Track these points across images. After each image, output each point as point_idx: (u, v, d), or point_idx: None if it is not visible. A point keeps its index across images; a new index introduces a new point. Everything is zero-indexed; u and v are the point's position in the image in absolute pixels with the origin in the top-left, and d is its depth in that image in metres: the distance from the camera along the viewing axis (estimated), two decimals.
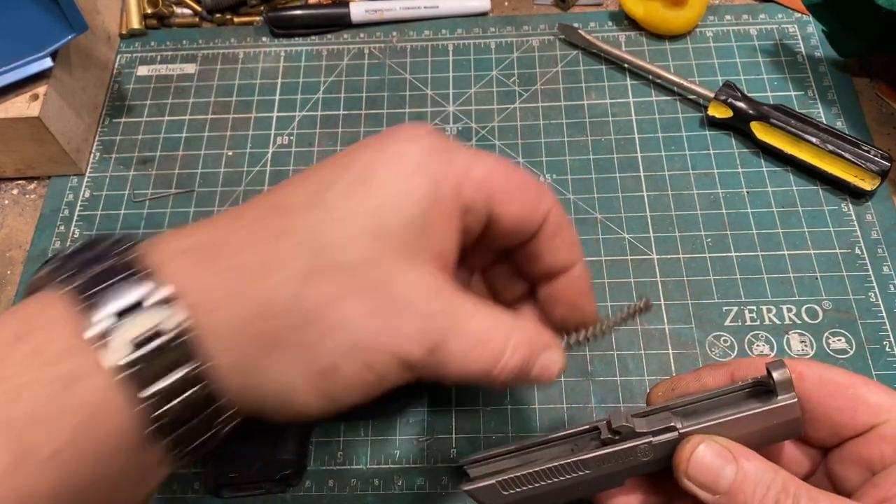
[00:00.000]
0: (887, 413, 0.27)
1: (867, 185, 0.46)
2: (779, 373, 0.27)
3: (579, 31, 0.54)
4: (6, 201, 0.51)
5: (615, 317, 0.31)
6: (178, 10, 0.59)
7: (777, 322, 0.43)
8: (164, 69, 0.56)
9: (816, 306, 0.43)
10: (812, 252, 0.45)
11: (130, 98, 0.55)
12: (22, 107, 0.47)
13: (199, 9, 0.59)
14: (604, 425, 0.28)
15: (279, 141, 0.52)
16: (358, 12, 0.56)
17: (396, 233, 0.25)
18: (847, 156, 0.46)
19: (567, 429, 0.30)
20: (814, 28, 0.54)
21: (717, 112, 0.49)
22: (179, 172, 0.51)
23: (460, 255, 0.29)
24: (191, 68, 0.56)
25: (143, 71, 0.56)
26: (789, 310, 0.43)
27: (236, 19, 0.59)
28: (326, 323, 0.24)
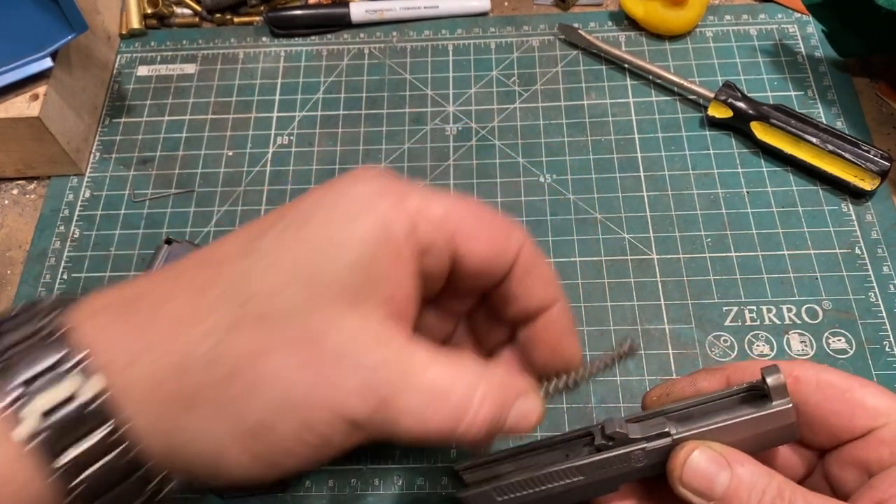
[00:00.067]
0: (885, 416, 0.27)
1: (867, 185, 0.46)
2: (773, 378, 0.27)
3: (579, 31, 0.54)
4: (6, 201, 0.51)
5: (599, 361, 0.29)
6: (178, 10, 0.59)
7: (777, 322, 0.43)
8: (164, 69, 0.56)
9: (816, 306, 0.43)
10: (812, 252, 0.45)
11: (130, 98, 0.55)
12: (22, 107, 0.47)
13: (199, 9, 0.59)
14: (598, 431, 0.28)
15: (279, 141, 0.52)
16: (358, 12, 0.56)
17: (334, 278, 0.23)
18: (847, 156, 0.46)
19: (562, 434, 0.30)
20: (814, 28, 0.54)
21: (717, 112, 0.49)
22: (179, 172, 0.51)
23: (438, 300, 0.27)
24: (191, 68, 0.56)
25: (143, 71, 0.56)
26: (789, 310, 0.43)
27: (236, 19, 0.59)
28: (252, 377, 0.22)
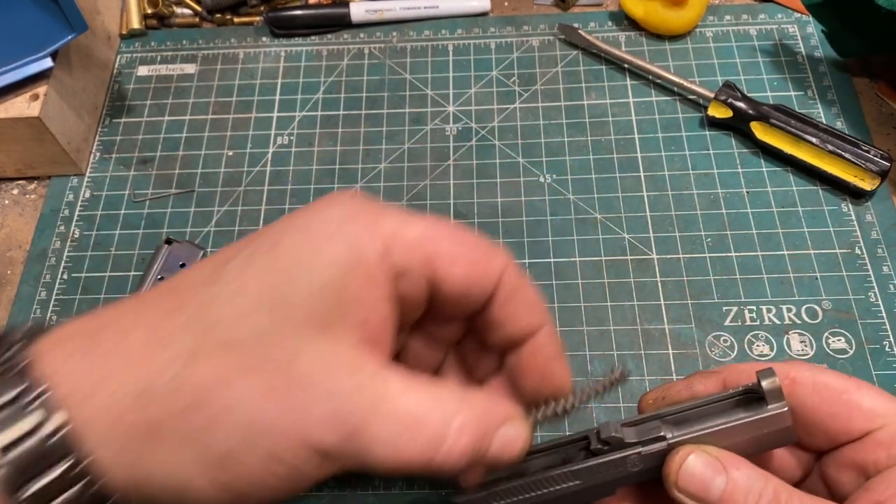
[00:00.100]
0: (882, 418, 0.27)
1: (867, 185, 0.46)
2: (768, 382, 0.27)
3: (579, 31, 0.54)
4: (6, 201, 0.51)
5: (590, 388, 0.29)
6: (179, 11, 0.59)
7: (777, 322, 0.43)
8: (164, 69, 0.56)
9: (816, 306, 0.43)
10: (812, 252, 0.45)
11: (130, 98, 0.55)
12: (22, 107, 0.47)
13: (199, 9, 0.59)
14: (593, 435, 0.28)
15: (279, 141, 0.52)
16: (358, 12, 0.56)
17: (302, 303, 0.22)
18: (847, 156, 0.46)
19: (559, 438, 0.30)
20: (813, 28, 0.54)
21: (717, 112, 0.49)
22: (180, 172, 0.51)
23: (424, 327, 0.27)
24: (191, 68, 0.56)
25: (143, 71, 0.56)
26: (789, 310, 0.43)
27: (236, 19, 0.59)
28: (216, 406, 0.21)
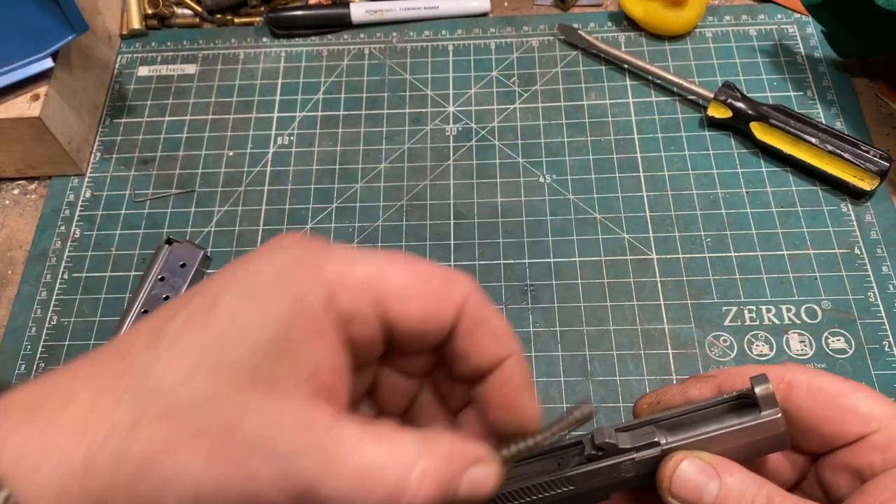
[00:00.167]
0: (877, 422, 0.27)
1: (866, 185, 0.46)
2: (761, 388, 0.27)
3: (579, 31, 0.54)
4: (7, 201, 0.51)
5: (557, 426, 0.27)
6: (179, 11, 0.59)
7: (776, 322, 0.43)
8: (164, 69, 0.56)
9: (816, 306, 0.43)
10: (811, 252, 0.45)
11: (131, 98, 0.55)
12: (23, 107, 0.47)
13: (199, 9, 0.59)
14: (588, 440, 0.28)
15: (280, 141, 0.52)
16: (358, 13, 0.57)
17: (244, 362, 0.22)
18: (846, 156, 0.46)
19: (554, 442, 0.30)
20: (813, 28, 0.54)
21: (717, 112, 0.49)
22: (180, 173, 0.51)
23: (393, 360, 0.26)
24: (191, 69, 0.56)
25: (143, 71, 0.56)
26: (788, 310, 0.43)
27: (237, 20, 0.59)
28: (161, 475, 0.21)
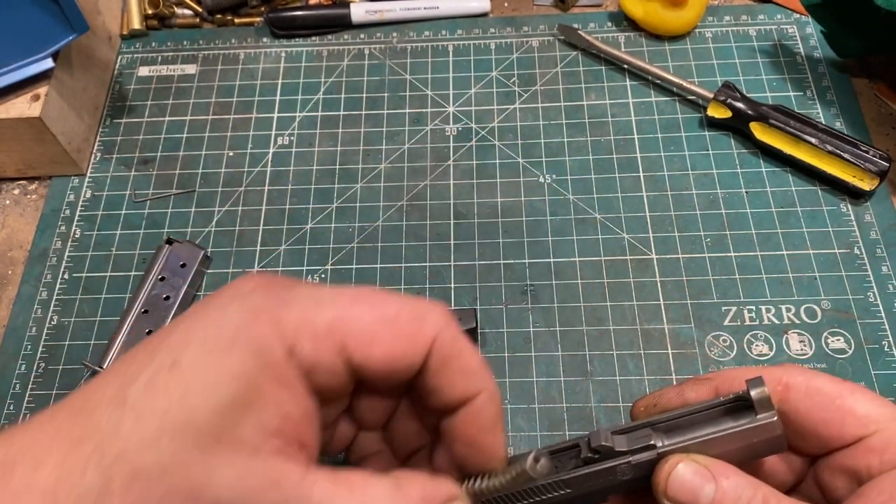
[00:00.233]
0: (875, 424, 0.27)
1: (866, 185, 0.46)
2: (757, 391, 0.26)
3: (579, 31, 0.54)
4: (7, 201, 0.51)
5: (516, 473, 0.27)
6: (179, 11, 0.59)
7: (776, 322, 0.43)
8: (164, 70, 0.56)
9: (815, 306, 0.43)
10: (811, 252, 0.45)
11: (131, 98, 0.55)
12: (23, 107, 0.47)
13: (199, 9, 0.59)
14: (584, 443, 0.28)
15: (280, 141, 0.52)
16: (358, 13, 0.57)
17: (208, 422, 0.21)
18: (846, 156, 0.46)
19: (550, 445, 0.30)
20: (813, 29, 0.54)
21: (717, 112, 0.49)
22: (180, 173, 0.51)
23: (366, 390, 0.26)
24: (191, 69, 0.56)
25: (143, 71, 0.56)
26: (788, 310, 0.43)
27: (237, 20, 0.59)
28: None
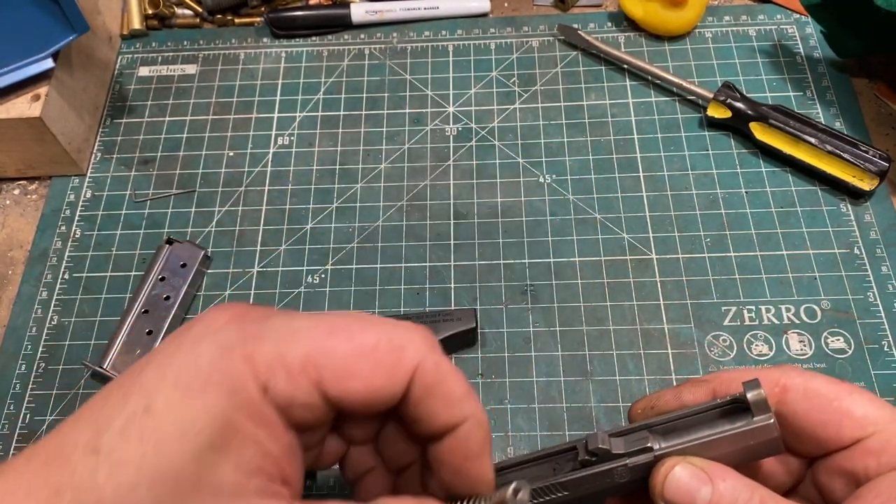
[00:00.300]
0: (873, 426, 0.26)
1: (866, 185, 0.46)
2: (753, 394, 0.26)
3: (579, 31, 0.54)
4: (7, 201, 0.51)
5: (493, 499, 0.26)
6: (179, 11, 0.59)
7: (776, 322, 0.43)
8: (165, 70, 0.56)
9: (815, 306, 0.43)
10: (811, 252, 0.45)
11: (131, 98, 0.55)
12: (23, 107, 0.47)
13: (199, 9, 0.59)
14: (581, 445, 0.28)
15: (280, 141, 0.52)
16: (358, 13, 0.57)
17: (184, 469, 0.21)
18: (846, 156, 0.46)
19: (548, 448, 0.30)
20: (812, 29, 0.54)
21: (717, 112, 0.49)
22: (180, 173, 0.51)
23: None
24: (192, 69, 0.56)
25: (144, 71, 0.56)
26: (788, 310, 0.43)
27: (237, 20, 0.59)
28: None
